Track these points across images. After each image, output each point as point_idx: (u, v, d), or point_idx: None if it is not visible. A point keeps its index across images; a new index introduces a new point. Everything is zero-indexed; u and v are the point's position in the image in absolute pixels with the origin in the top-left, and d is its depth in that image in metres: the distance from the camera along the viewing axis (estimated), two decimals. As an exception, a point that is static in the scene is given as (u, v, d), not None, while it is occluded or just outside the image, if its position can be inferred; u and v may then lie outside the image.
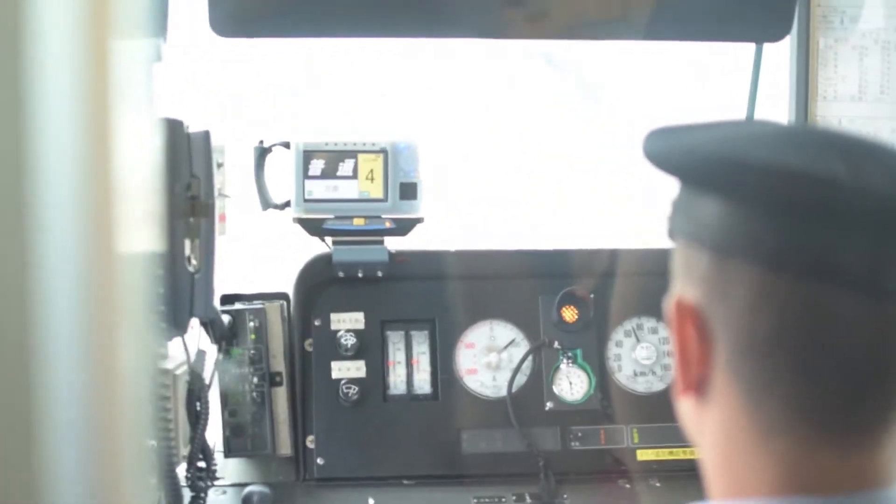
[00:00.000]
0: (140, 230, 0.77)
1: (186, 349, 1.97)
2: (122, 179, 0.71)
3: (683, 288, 1.00)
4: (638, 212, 3.73)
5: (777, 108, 2.28)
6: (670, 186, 1.07)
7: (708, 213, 0.97)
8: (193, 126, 1.88)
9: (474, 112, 4.11)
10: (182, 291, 1.89)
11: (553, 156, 4.23)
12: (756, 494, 0.96)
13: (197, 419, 1.98)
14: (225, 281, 2.07)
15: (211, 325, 2.04)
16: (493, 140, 4.20)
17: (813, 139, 0.98)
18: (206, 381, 2.02)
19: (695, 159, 0.98)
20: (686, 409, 1.03)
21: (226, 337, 2.12)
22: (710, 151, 0.97)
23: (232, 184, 2.01)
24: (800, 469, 0.94)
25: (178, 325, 1.91)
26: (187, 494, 2.03)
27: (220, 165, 1.95)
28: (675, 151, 1.01)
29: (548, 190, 4.22)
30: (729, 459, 0.98)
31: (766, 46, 2.23)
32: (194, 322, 1.97)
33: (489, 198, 4.09)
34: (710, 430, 1.00)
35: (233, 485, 2.21)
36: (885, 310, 0.92)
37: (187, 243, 1.88)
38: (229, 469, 2.24)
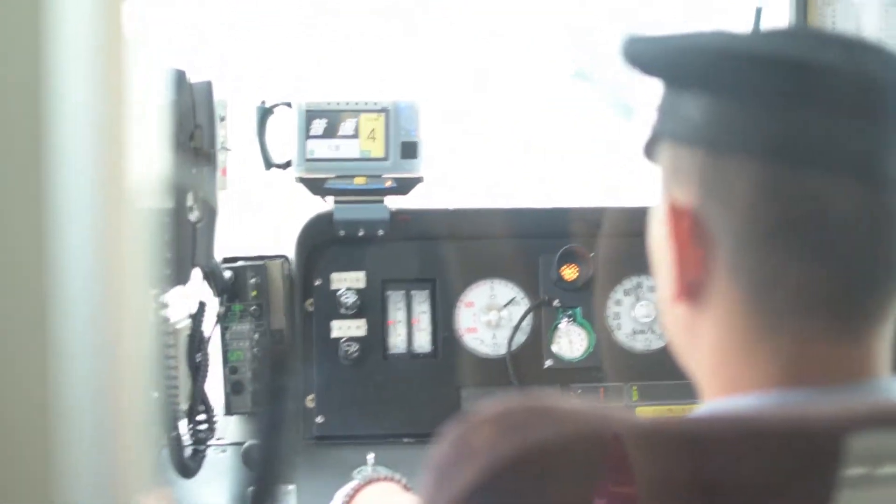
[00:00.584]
0: (146, 180, 0.78)
1: (188, 300, 1.97)
2: (131, 128, 0.72)
3: (674, 192, 1.00)
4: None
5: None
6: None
7: (698, 111, 0.97)
8: (196, 76, 1.89)
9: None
10: (184, 241, 1.90)
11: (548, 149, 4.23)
12: (751, 390, 0.96)
13: (197, 371, 1.99)
14: (226, 243, 2.08)
15: (212, 276, 2.04)
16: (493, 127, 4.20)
17: (810, 34, 0.98)
18: (207, 334, 2.03)
19: (685, 54, 0.98)
20: (677, 317, 1.03)
21: (227, 290, 2.13)
22: (702, 46, 0.97)
23: (233, 138, 2.02)
24: (797, 362, 0.95)
25: (179, 276, 1.91)
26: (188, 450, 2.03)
27: (222, 119, 1.96)
28: (661, 49, 1.01)
29: (539, 180, 4.21)
30: (726, 359, 0.99)
31: (766, 9, 2.24)
32: (195, 275, 1.98)
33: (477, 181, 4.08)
34: (706, 333, 1.00)
35: (232, 443, 2.22)
36: (884, 197, 0.92)
37: (189, 194, 1.88)
38: (230, 429, 2.24)
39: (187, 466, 1.94)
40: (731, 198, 0.95)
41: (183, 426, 2.01)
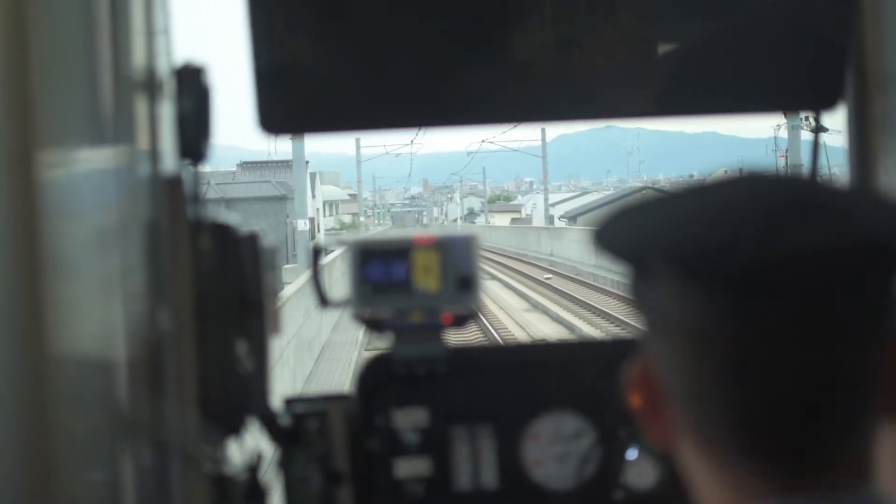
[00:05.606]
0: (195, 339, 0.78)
1: (244, 452, 1.96)
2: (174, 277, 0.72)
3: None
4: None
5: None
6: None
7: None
8: (241, 228, 1.90)
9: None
10: (237, 392, 1.89)
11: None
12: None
13: (258, 522, 1.97)
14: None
15: (268, 425, 2.03)
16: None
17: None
18: (266, 484, 2.01)
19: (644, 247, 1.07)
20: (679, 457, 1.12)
21: (285, 437, 2.11)
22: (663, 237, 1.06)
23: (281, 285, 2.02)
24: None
25: (233, 428, 1.90)
26: None
27: (270, 267, 1.96)
28: (627, 240, 1.11)
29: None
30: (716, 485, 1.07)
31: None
32: (252, 424, 1.97)
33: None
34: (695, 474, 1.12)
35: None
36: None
37: (239, 343, 1.88)
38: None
39: None
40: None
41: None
